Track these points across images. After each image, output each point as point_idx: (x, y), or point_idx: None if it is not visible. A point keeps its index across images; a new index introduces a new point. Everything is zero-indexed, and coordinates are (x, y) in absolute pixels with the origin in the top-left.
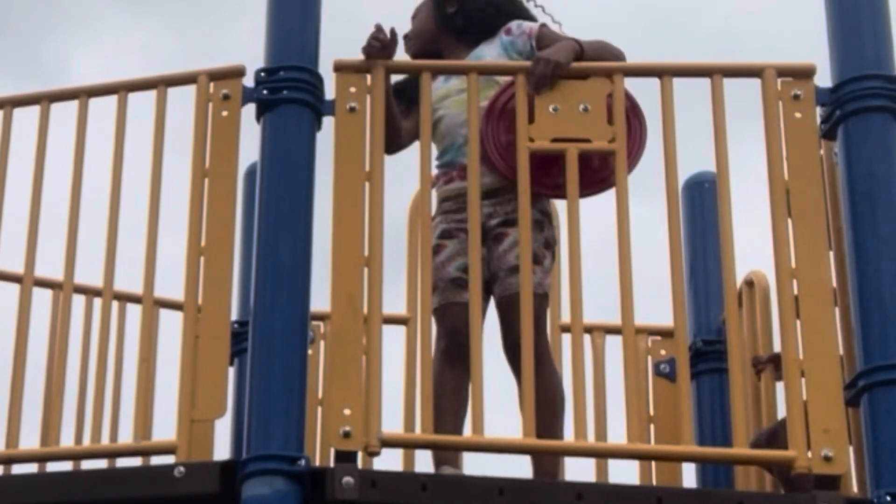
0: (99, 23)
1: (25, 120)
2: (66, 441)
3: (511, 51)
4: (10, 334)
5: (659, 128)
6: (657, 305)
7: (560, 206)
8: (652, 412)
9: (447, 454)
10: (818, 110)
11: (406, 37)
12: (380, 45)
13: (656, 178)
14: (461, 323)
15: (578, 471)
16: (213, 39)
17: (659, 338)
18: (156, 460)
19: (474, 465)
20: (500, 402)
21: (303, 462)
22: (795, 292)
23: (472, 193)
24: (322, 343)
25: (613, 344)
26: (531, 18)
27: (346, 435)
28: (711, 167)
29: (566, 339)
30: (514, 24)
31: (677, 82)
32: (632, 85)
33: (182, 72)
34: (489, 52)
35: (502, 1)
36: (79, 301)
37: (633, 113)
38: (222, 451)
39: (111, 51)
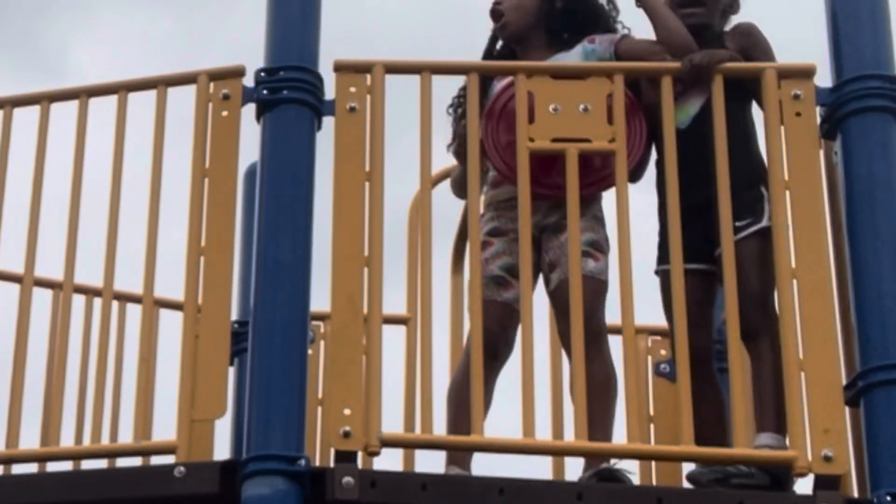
0: (97, 9)
1: (25, 119)
2: (66, 441)
3: (592, 58)
4: (10, 334)
5: None
6: (657, 305)
7: None
8: (652, 412)
9: (457, 454)
10: (818, 110)
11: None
12: None
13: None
14: (495, 322)
15: (579, 471)
16: (214, 24)
17: (659, 338)
18: (156, 460)
19: (474, 465)
20: (499, 402)
21: (303, 462)
22: (795, 292)
23: (472, 195)
24: (322, 343)
25: (613, 344)
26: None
27: (346, 435)
28: None
29: None
30: (597, 35)
31: None
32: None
33: (182, 72)
34: (570, 59)
35: (601, 8)
36: (79, 301)
37: (634, 112)
38: (222, 451)
39: (110, 37)
